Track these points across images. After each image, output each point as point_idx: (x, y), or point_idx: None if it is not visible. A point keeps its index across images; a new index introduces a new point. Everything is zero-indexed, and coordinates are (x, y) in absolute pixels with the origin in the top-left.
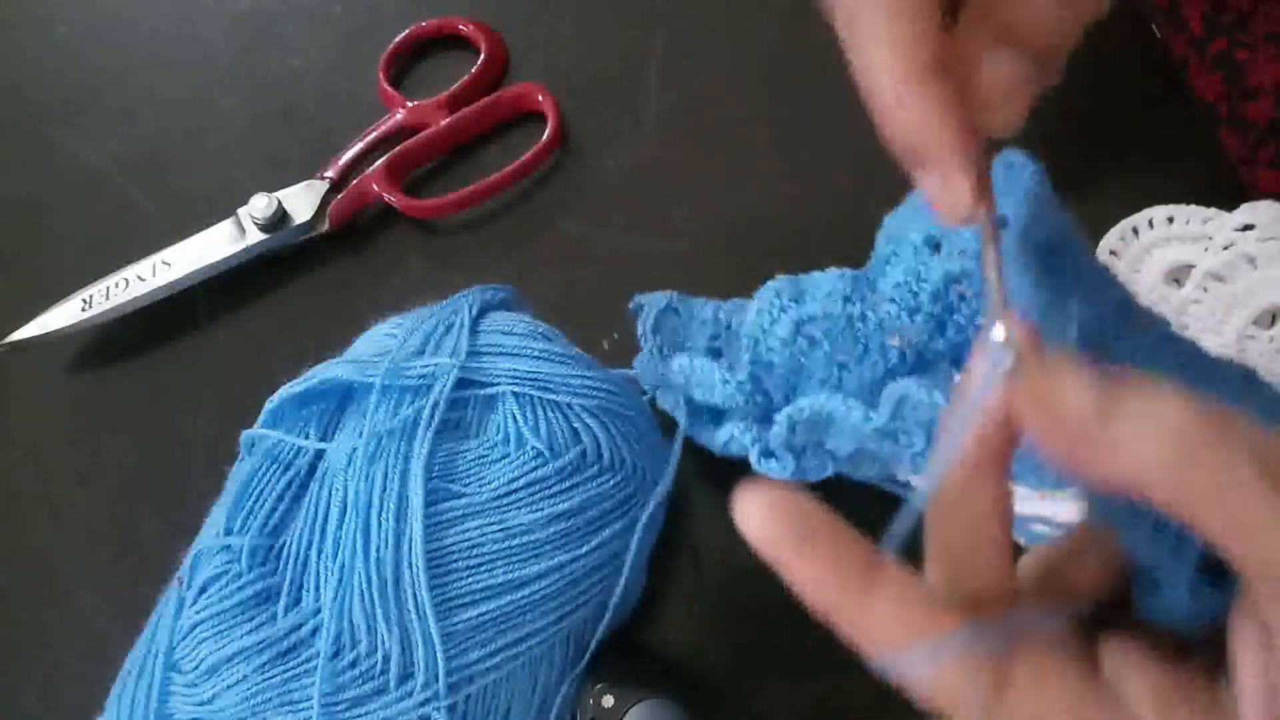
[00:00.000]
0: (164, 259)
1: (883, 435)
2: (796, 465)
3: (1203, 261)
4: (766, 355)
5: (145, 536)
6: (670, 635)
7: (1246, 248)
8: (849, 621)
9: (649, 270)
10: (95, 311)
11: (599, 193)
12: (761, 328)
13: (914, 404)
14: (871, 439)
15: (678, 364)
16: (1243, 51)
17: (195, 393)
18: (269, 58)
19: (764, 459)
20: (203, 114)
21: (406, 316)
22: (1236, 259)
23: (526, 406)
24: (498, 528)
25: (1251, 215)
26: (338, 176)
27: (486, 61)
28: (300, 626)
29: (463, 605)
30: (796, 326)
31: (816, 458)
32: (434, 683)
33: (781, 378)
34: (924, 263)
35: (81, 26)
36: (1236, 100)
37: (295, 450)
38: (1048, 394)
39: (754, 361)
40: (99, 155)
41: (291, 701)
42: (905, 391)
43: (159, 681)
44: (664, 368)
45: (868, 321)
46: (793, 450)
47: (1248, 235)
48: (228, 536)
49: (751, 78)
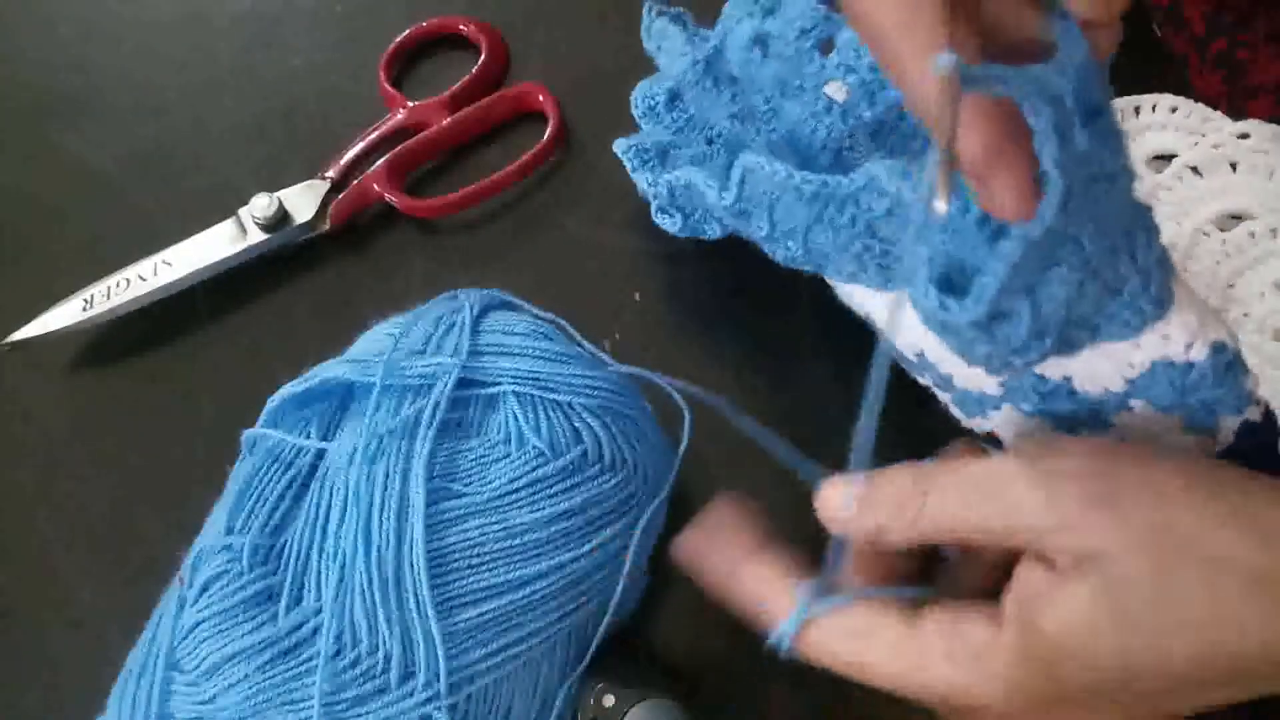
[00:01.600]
0: (165, 259)
1: (736, 214)
2: (684, 223)
3: (1187, 153)
4: (726, 56)
5: (146, 536)
6: (671, 635)
7: (1233, 151)
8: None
9: (649, 270)
10: (96, 311)
11: (599, 193)
12: (727, 29)
13: (758, 177)
14: (728, 216)
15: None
16: (1243, 51)
17: (196, 392)
18: (270, 57)
19: (659, 214)
20: (204, 114)
21: (407, 316)
22: (1219, 159)
23: (528, 406)
24: (499, 527)
25: (1251, 128)
26: (339, 176)
27: (487, 61)
28: (301, 626)
29: (464, 605)
30: (755, 36)
31: (705, 221)
32: (435, 682)
33: (724, 105)
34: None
35: (82, 26)
36: (1237, 99)
37: (296, 450)
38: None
39: (709, 61)
40: (100, 155)
41: (292, 701)
42: (748, 164)
43: (160, 681)
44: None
45: (814, 61)
46: (681, 210)
47: (1240, 142)
48: (229, 536)
49: None
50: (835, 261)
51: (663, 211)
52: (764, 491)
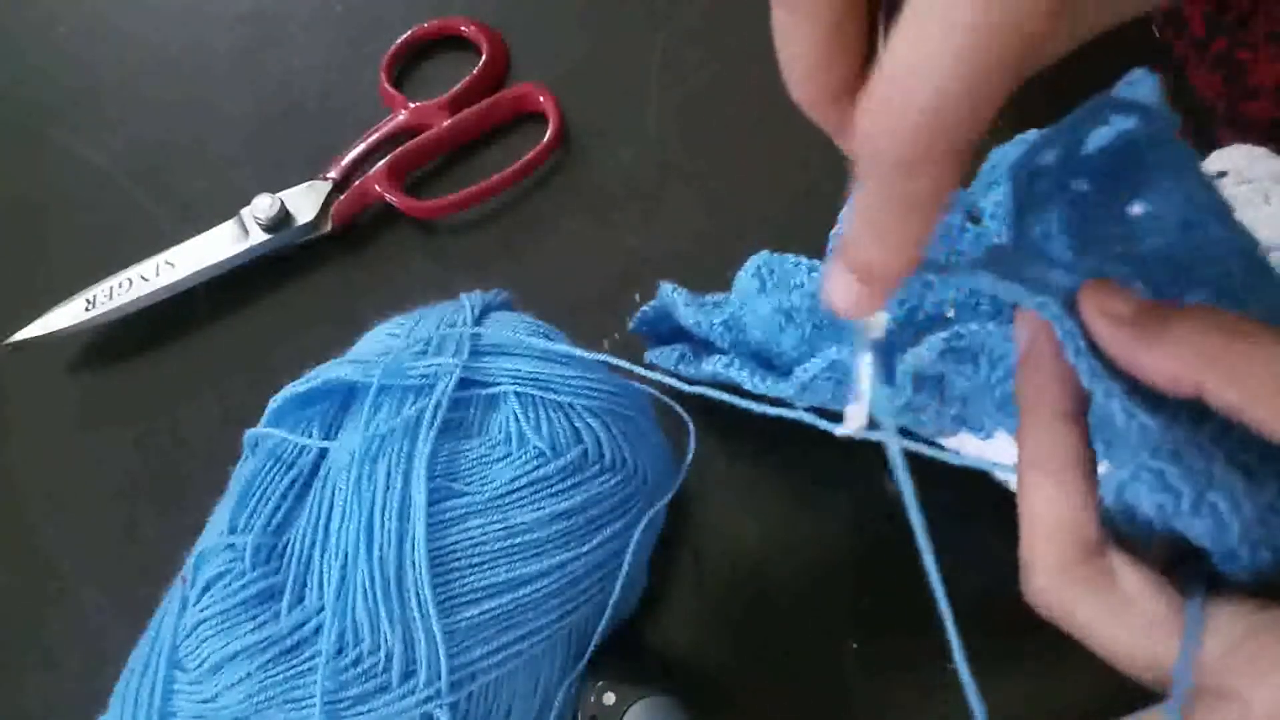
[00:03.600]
0: (167, 259)
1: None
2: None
3: (1226, 190)
4: (742, 326)
5: (148, 536)
6: (671, 633)
7: (1224, 193)
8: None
9: (649, 270)
10: (98, 311)
11: (599, 193)
12: (740, 303)
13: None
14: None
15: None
16: (1243, 51)
17: (198, 392)
18: (271, 59)
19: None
20: (205, 115)
21: (409, 316)
22: (1253, 194)
23: (528, 406)
24: (500, 526)
25: (1223, 162)
26: (340, 177)
27: (488, 62)
28: (303, 625)
29: (465, 603)
30: (778, 309)
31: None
32: (436, 680)
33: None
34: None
35: (82, 27)
36: (1237, 100)
37: (298, 449)
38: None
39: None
40: (102, 156)
41: (294, 699)
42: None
43: (162, 680)
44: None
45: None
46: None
47: (1223, 181)
48: (231, 535)
49: (751, 77)
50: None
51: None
52: (764, 491)
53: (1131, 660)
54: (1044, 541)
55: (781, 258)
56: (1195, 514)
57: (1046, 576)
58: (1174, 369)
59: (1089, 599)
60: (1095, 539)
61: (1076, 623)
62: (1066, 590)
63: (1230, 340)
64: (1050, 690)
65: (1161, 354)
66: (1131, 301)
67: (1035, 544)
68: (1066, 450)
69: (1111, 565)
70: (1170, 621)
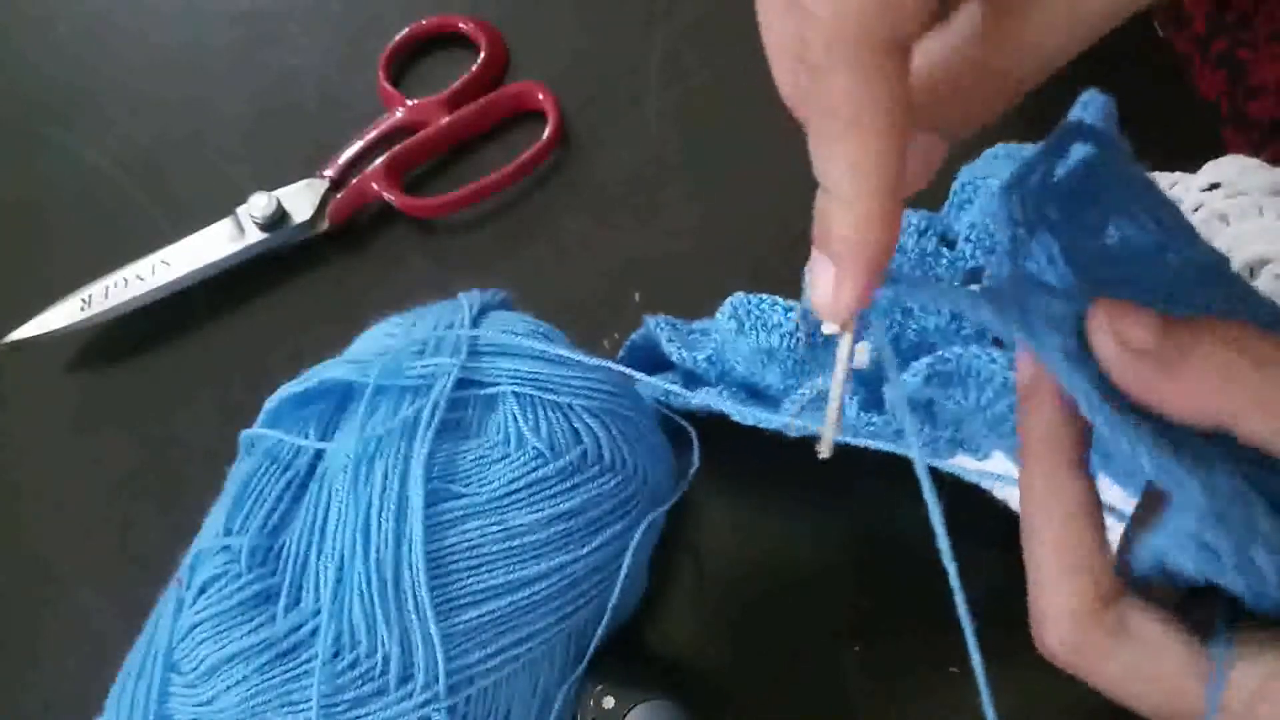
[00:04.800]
0: (163, 258)
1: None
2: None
3: (1218, 202)
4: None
5: (144, 536)
6: (671, 636)
7: (1217, 206)
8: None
9: (649, 270)
10: (94, 311)
11: (599, 192)
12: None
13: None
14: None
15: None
16: (1245, 50)
17: (194, 392)
18: (269, 56)
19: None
20: (202, 113)
21: (406, 316)
22: (1210, 218)
23: (527, 406)
24: (498, 528)
25: (1215, 174)
26: (337, 175)
27: (486, 60)
28: (300, 627)
29: (463, 606)
30: (758, 349)
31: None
32: (434, 684)
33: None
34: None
35: (81, 26)
36: (1239, 99)
37: (295, 450)
38: (1123, 327)
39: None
40: (98, 154)
41: (291, 702)
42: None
43: (158, 682)
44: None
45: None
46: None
47: (1215, 194)
48: (227, 537)
49: (751, 77)
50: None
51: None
52: (764, 492)
53: (1157, 711)
54: (1056, 592)
55: (757, 298)
56: (1239, 572)
57: (1066, 628)
58: (1199, 399)
59: (1118, 651)
60: (1111, 585)
61: (1106, 676)
62: (1091, 642)
63: (1258, 365)
64: (1052, 690)
65: (1185, 385)
66: (1154, 321)
67: (1047, 594)
68: (1073, 496)
69: (1129, 612)
70: (1193, 665)
